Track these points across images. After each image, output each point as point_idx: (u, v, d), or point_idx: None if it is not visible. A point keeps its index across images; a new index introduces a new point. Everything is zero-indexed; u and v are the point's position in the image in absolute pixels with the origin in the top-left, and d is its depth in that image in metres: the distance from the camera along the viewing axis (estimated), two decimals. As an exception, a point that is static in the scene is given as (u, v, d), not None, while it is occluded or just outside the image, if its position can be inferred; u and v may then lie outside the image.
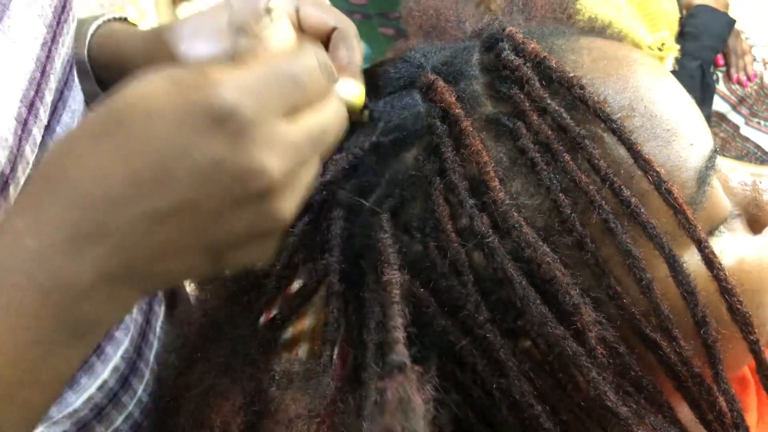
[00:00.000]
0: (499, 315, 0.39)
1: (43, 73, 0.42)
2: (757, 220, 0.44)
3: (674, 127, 0.41)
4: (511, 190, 0.39)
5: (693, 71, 1.37)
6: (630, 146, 0.39)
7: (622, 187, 0.38)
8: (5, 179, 0.38)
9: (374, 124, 0.43)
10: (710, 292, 0.39)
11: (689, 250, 0.40)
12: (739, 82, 1.47)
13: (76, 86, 0.50)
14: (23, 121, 0.40)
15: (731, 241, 0.42)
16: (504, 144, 0.40)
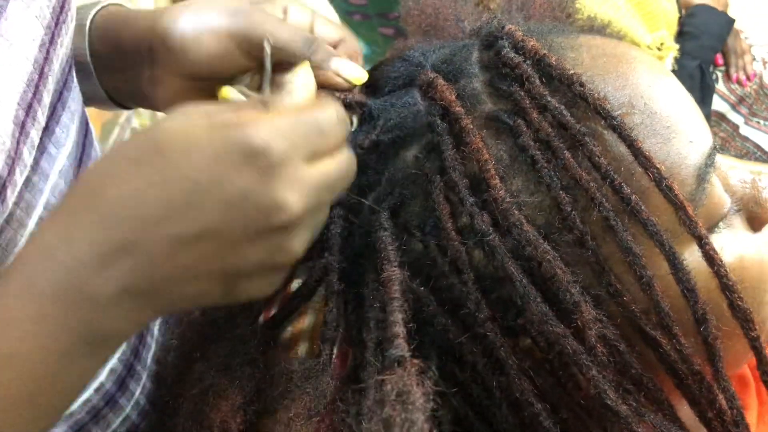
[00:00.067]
0: (499, 313, 0.39)
1: (41, 75, 0.42)
2: (756, 218, 0.44)
3: (674, 124, 0.41)
4: (512, 187, 0.39)
5: (692, 71, 1.37)
6: (630, 143, 0.39)
7: (623, 184, 0.38)
8: (3, 183, 0.38)
9: (374, 122, 0.43)
10: (710, 289, 0.39)
11: (689, 248, 0.40)
12: (739, 82, 1.47)
13: (75, 87, 0.50)
14: (21, 124, 0.40)
15: (731, 238, 0.42)
16: (504, 142, 0.40)
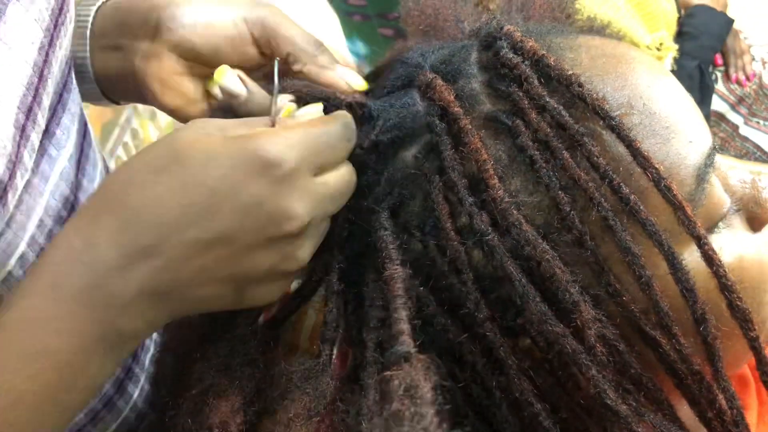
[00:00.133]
0: (498, 313, 0.39)
1: (41, 77, 0.42)
2: (756, 218, 0.44)
3: (673, 125, 0.41)
4: (511, 187, 0.39)
5: (691, 71, 1.37)
6: (629, 143, 0.39)
7: (621, 184, 0.38)
8: (4, 186, 0.38)
9: (374, 122, 0.43)
10: (710, 289, 0.39)
11: (689, 248, 0.40)
12: (738, 82, 1.47)
13: (75, 88, 0.50)
14: (21, 128, 0.40)
15: (730, 238, 0.42)
16: (503, 142, 0.40)
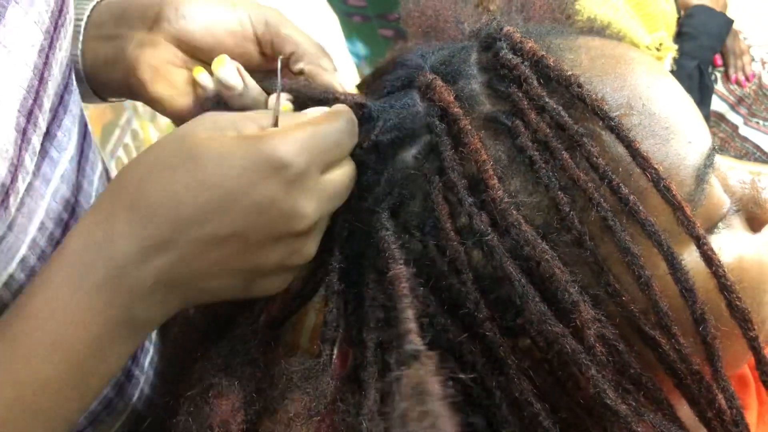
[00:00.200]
0: (498, 313, 0.39)
1: (41, 80, 0.42)
2: (756, 218, 0.44)
3: (672, 125, 0.41)
4: (510, 188, 0.39)
5: (691, 71, 1.37)
6: (628, 144, 0.39)
7: (621, 184, 0.38)
8: (6, 190, 0.38)
9: (373, 123, 0.43)
10: (709, 289, 0.39)
11: (688, 248, 0.40)
12: (738, 82, 1.47)
13: (75, 89, 0.50)
14: (22, 131, 0.40)
15: (730, 238, 0.42)
16: (502, 142, 0.41)
